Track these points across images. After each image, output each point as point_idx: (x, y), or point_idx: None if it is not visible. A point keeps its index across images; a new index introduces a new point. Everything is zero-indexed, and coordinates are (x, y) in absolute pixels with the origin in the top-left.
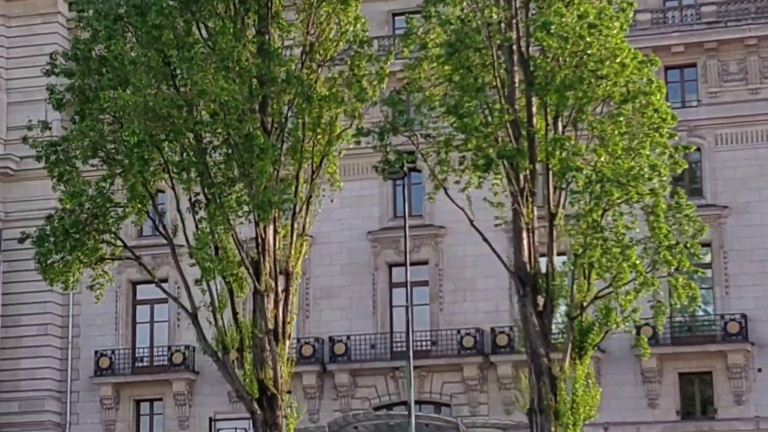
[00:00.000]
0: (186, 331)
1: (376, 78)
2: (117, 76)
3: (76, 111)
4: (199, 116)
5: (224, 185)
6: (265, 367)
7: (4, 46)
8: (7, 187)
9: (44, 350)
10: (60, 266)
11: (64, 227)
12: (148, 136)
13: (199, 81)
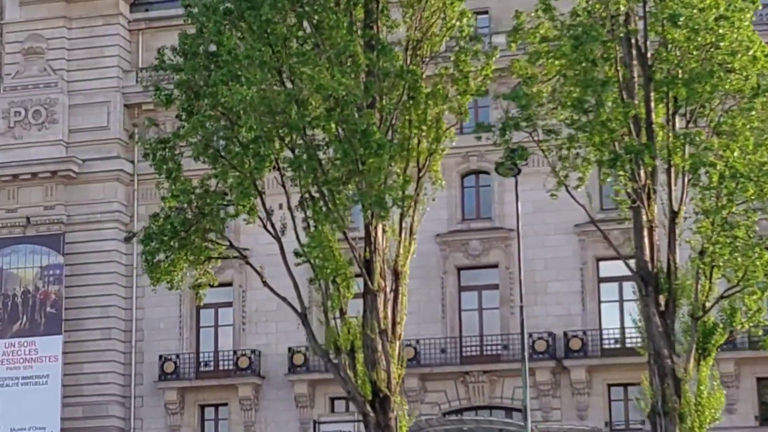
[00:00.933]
0: (252, 335)
1: (481, 74)
2: (229, 71)
3: (183, 107)
4: (314, 111)
5: (337, 182)
6: (378, 368)
7: (65, 48)
8: (69, 190)
9: (108, 355)
10: (166, 265)
11: (172, 225)
12: (264, 131)
13: (316, 76)
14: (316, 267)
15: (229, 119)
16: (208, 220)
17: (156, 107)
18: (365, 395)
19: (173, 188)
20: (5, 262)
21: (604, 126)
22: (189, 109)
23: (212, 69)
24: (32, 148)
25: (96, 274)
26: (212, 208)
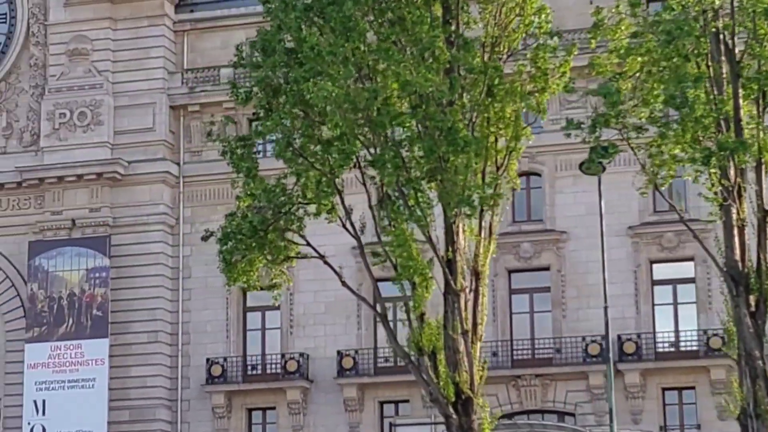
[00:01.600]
0: (299, 339)
1: (559, 71)
2: (311, 68)
3: (262, 105)
4: (400, 107)
5: (420, 181)
6: (460, 369)
7: (110, 50)
8: (115, 192)
9: (154, 358)
10: (243, 265)
11: (251, 224)
12: (348, 129)
13: (401, 72)
14: (399, 267)
15: (308, 117)
16: (286, 219)
17: (202, 109)
18: (448, 397)
19: (252, 187)
20: (51, 264)
21: (697, 122)
22: (267, 107)
23: (292, 66)
24: (77, 150)
25: (142, 276)
26: (290, 207)
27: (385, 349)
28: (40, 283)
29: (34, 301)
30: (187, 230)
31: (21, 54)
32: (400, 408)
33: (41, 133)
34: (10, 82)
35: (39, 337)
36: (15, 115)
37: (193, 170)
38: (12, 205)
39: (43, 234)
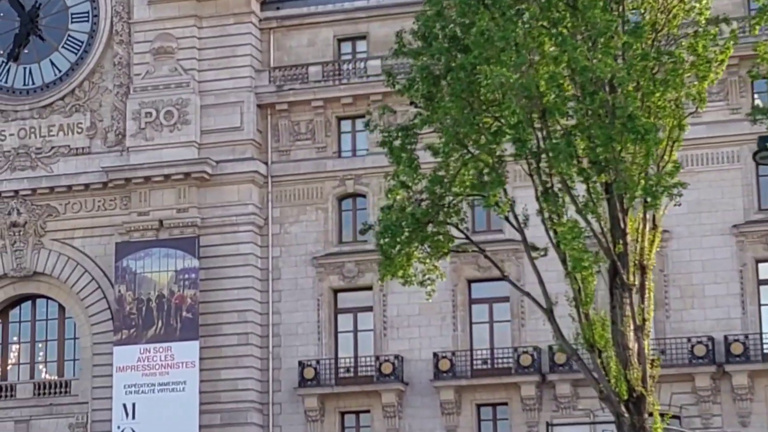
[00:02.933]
0: (393, 341)
1: (718, 59)
2: (480, 54)
3: (422, 94)
4: (578, 94)
5: (594, 170)
6: (631, 366)
7: (196, 48)
8: (202, 192)
9: (245, 360)
10: (401, 259)
11: (414, 217)
12: (523, 116)
13: (579, 57)
14: (570, 260)
15: (472, 106)
16: (446, 212)
17: (290, 107)
18: (621, 395)
19: (413, 178)
20: (138, 266)
21: None
22: (428, 96)
23: (455, 53)
24: (164, 149)
25: (232, 278)
26: (452, 199)
27: (482, 351)
28: (128, 284)
29: (122, 303)
30: (276, 230)
31: (104, 53)
32: (497, 411)
33: (127, 133)
34: (94, 81)
35: (128, 339)
36: (99, 115)
37: (282, 170)
38: (97, 206)
39: (130, 235)
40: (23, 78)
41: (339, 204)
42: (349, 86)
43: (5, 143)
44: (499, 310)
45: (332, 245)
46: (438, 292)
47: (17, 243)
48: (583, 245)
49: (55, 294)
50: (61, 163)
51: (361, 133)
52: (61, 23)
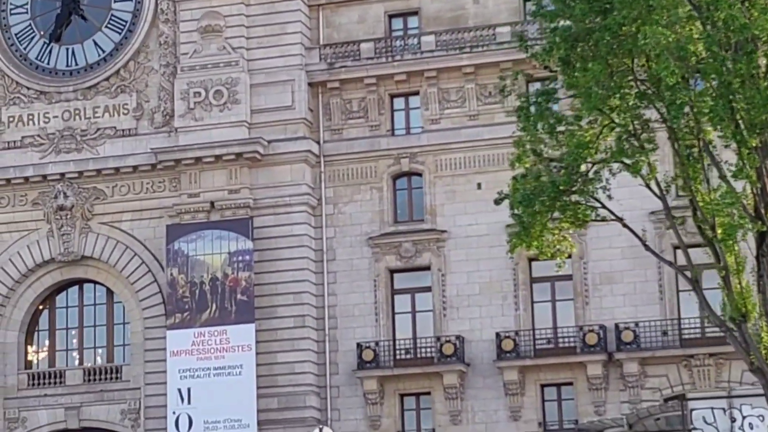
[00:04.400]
0: (453, 321)
1: None
2: (628, 14)
3: (560, 57)
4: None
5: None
6: None
7: (244, 26)
8: (254, 173)
9: (302, 343)
10: (537, 230)
11: (555, 185)
12: (681, 77)
13: (737, 15)
14: (725, 226)
15: (612, 68)
16: (585, 180)
17: (342, 85)
18: None
19: (555, 143)
20: (191, 248)
21: None
22: (566, 59)
23: (595, 15)
24: (214, 129)
25: (286, 259)
26: (593, 166)
27: (545, 330)
28: (180, 267)
29: (175, 286)
30: (330, 211)
31: (149, 32)
32: (562, 391)
33: (175, 113)
34: (139, 62)
35: (181, 323)
36: (145, 96)
37: (334, 149)
38: (146, 188)
39: (180, 217)
40: (66, 59)
41: (393, 183)
42: (403, 62)
43: (49, 125)
44: (561, 288)
45: (388, 225)
46: (498, 271)
47: (64, 227)
48: (741, 211)
49: (103, 278)
50: (108, 144)
51: (415, 110)
52: (103, 2)
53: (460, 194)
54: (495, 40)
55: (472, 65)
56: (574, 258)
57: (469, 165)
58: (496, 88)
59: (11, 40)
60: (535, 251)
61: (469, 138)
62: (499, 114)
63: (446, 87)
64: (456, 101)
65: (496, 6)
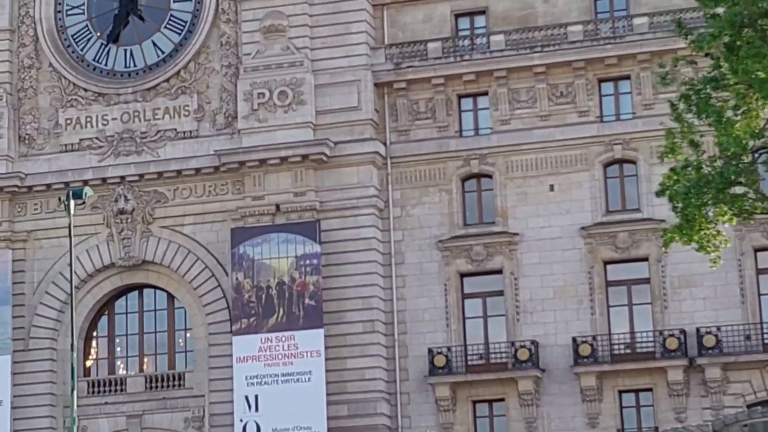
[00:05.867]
0: (527, 326)
1: None
2: None
3: (724, 43)
4: None
5: None
6: None
7: (308, 26)
8: (320, 175)
9: (371, 349)
10: (700, 223)
11: (723, 177)
12: None
13: None
14: None
15: None
16: (748, 170)
17: (408, 86)
18: None
19: (723, 134)
20: (256, 252)
21: None
22: (730, 47)
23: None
24: (278, 131)
25: (355, 263)
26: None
27: (621, 335)
28: (245, 272)
29: (241, 291)
30: (398, 213)
31: (210, 32)
32: (641, 397)
33: (238, 115)
34: (200, 62)
35: (247, 328)
36: (206, 97)
37: (401, 150)
38: (208, 191)
39: (244, 221)
40: (124, 60)
41: (462, 185)
42: (472, 62)
43: (108, 128)
44: (638, 292)
45: (458, 228)
46: (573, 274)
47: (124, 231)
48: None
49: (164, 283)
50: (168, 147)
51: (483, 111)
52: (162, 3)
53: (532, 196)
54: (567, 39)
55: (544, 65)
56: (651, 261)
57: (541, 166)
58: (567, 87)
59: (68, 41)
60: (687, 246)
61: (541, 139)
62: (572, 114)
63: (516, 87)
64: (526, 101)
65: (566, 5)
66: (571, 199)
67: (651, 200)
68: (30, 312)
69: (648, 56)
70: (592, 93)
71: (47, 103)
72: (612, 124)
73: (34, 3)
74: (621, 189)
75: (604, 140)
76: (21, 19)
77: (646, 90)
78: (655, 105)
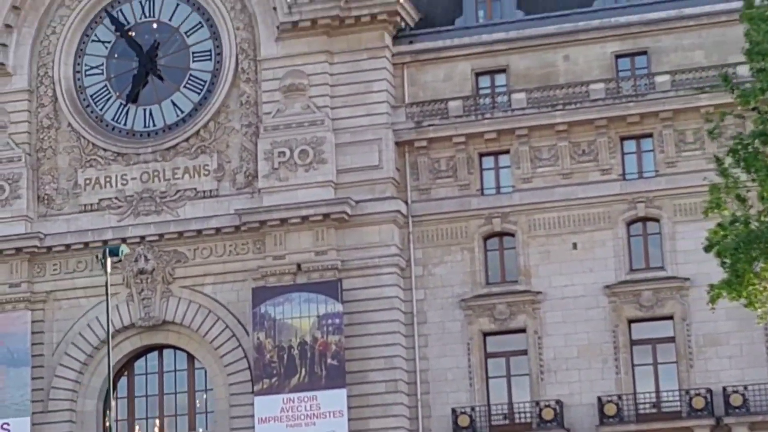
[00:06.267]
0: (551, 385)
1: None
2: None
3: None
4: None
5: None
6: None
7: (328, 84)
8: (341, 234)
9: (394, 409)
10: (748, 279)
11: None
12: None
13: None
14: None
15: None
16: None
17: (429, 144)
18: None
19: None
20: (278, 312)
21: None
22: None
23: None
24: (299, 190)
25: (377, 322)
26: None
27: (647, 395)
28: (267, 331)
29: (262, 351)
30: (419, 272)
31: (230, 92)
32: None
33: (259, 174)
34: (219, 122)
35: (269, 389)
36: (226, 156)
37: (423, 209)
38: (228, 251)
39: (265, 280)
40: (143, 120)
41: (484, 243)
42: (494, 120)
43: (127, 188)
44: (662, 351)
45: (480, 286)
46: (597, 333)
47: (144, 291)
48: None
49: (184, 343)
50: (188, 206)
51: (505, 169)
52: (181, 62)
53: (555, 254)
54: (589, 97)
55: (566, 123)
56: (676, 320)
57: (564, 225)
58: (590, 145)
59: (87, 101)
60: (736, 301)
61: (563, 197)
62: (594, 172)
63: (538, 145)
64: (548, 159)
65: (587, 63)
66: (594, 257)
67: (675, 258)
68: (49, 373)
69: (670, 114)
70: (615, 151)
71: (66, 163)
72: (635, 182)
73: (53, 63)
74: (644, 247)
75: (627, 198)
76: (40, 79)
77: (668, 148)
78: (679, 163)
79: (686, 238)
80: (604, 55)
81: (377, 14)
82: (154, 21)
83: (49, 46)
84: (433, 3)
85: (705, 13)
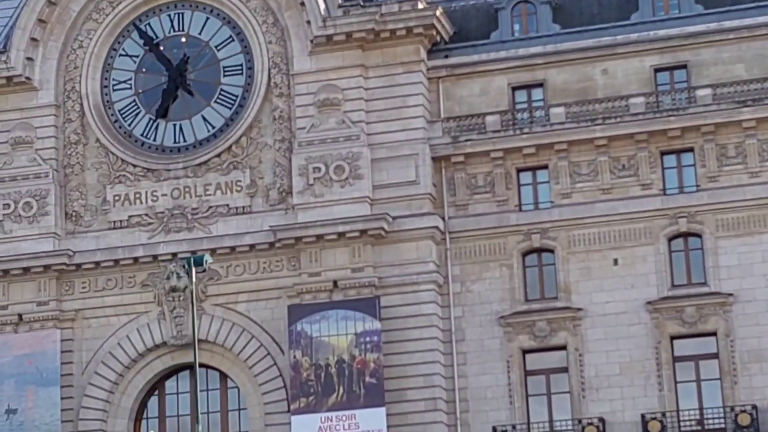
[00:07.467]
0: (593, 403)
1: None
2: None
3: None
4: None
5: None
6: None
7: (363, 99)
8: (378, 250)
9: (434, 428)
10: None
11: None
12: None
13: None
14: None
15: None
16: None
17: (466, 159)
18: None
19: None
20: (314, 329)
21: None
22: None
23: None
24: (335, 206)
25: (415, 340)
26: None
27: (691, 411)
28: (303, 350)
29: (299, 369)
30: (457, 289)
31: (262, 107)
32: None
33: (293, 190)
34: (252, 137)
35: (306, 408)
36: (259, 172)
37: (460, 225)
38: (262, 268)
39: (301, 297)
40: (173, 135)
41: (523, 259)
42: (532, 135)
43: (158, 204)
44: (705, 367)
45: (519, 303)
46: (639, 349)
47: (176, 309)
48: None
49: (217, 362)
50: (220, 223)
51: (543, 184)
52: (212, 77)
53: (595, 270)
54: (629, 111)
55: (605, 137)
56: (720, 336)
57: (604, 240)
58: (630, 160)
59: (115, 116)
60: None
61: (603, 212)
62: (634, 187)
63: (577, 160)
64: (588, 174)
65: (626, 77)
66: (635, 273)
67: (718, 274)
68: (79, 393)
69: (712, 128)
70: (655, 166)
71: (94, 180)
72: (676, 197)
73: (80, 78)
74: (686, 262)
75: (668, 213)
76: (67, 94)
77: (710, 162)
78: (720, 177)
79: (728, 253)
80: (643, 68)
81: (413, 28)
82: (183, 35)
83: (75, 60)
84: (468, 17)
85: (745, 26)
